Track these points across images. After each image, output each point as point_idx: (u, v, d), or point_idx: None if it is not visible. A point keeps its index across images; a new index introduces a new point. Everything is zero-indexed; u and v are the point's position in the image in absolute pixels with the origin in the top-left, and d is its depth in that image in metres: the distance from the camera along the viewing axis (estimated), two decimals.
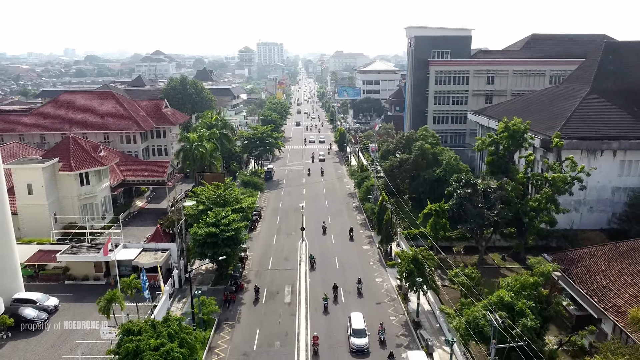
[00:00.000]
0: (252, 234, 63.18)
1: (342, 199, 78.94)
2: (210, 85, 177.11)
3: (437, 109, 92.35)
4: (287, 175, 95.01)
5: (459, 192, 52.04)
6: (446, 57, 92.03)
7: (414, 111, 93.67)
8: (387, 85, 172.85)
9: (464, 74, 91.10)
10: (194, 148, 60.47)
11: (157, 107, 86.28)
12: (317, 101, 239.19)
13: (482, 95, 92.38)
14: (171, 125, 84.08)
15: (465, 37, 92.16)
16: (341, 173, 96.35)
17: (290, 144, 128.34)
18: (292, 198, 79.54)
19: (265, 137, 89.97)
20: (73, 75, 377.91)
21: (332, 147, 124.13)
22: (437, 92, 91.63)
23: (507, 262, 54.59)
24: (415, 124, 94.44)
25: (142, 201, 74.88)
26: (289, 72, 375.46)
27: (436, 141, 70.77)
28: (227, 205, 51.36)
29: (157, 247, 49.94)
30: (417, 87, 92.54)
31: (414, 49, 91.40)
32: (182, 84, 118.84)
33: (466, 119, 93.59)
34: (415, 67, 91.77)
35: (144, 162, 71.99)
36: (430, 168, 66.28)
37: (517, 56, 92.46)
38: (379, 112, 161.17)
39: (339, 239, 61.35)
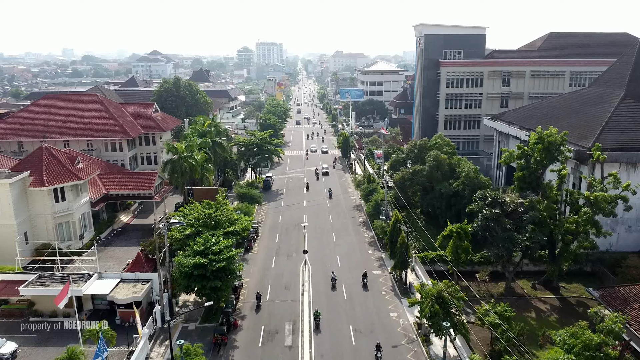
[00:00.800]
0: (248, 255, 56.45)
1: (347, 212, 72.25)
2: (207, 86, 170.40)
3: (449, 113, 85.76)
4: (287, 184, 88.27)
5: (485, 213, 45.37)
6: (458, 58, 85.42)
7: (424, 115, 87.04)
8: (391, 86, 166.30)
9: (477, 75, 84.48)
10: (183, 160, 53.75)
11: (146, 112, 79.53)
12: (318, 103, 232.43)
13: (497, 99, 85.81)
14: (161, 131, 77.31)
15: (479, 36, 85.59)
16: (345, 182, 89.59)
17: (291, 149, 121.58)
18: (292, 212, 72.83)
19: (263, 143, 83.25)
20: (69, 75, 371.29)
21: (333, 152, 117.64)
22: (449, 95, 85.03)
23: (538, 292, 47.93)
24: (424, 129, 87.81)
25: (127, 216, 68.14)
26: (288, 73, 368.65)
27: (452, 150, 64.12)
28: (219, 228, 44.69)
29: (137, 277, 43.21)
30: (427, 89, 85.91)
31: (424, 48, 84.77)
32: (175, 86, 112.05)
33: (480, 124, 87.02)
34: (425, 68, 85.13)
35: (129, 174, 65.24)
36: (447, 180, 59.66)
37: (534, 56, 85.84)
38: (382, 115, 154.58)
39: (349, 278, 54.62)
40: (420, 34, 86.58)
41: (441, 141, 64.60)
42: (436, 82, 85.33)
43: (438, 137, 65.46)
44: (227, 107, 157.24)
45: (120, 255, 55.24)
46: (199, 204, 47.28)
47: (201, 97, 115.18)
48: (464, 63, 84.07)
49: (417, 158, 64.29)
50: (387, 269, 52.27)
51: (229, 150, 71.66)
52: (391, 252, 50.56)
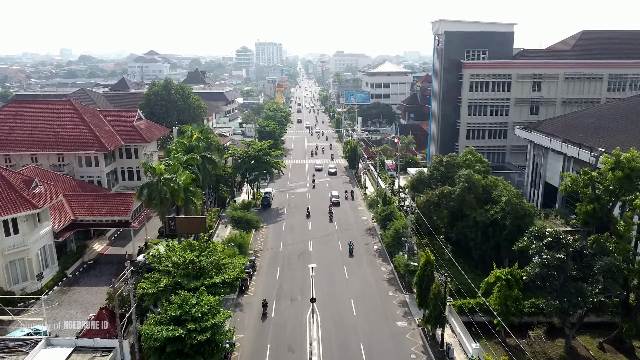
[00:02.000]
0: (243, 298, 46.40)
1: (359, 236, 62.26)
2: (203, 88, 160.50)
3: (472, 121, 75.84)
4: (288, 201, 78.23)
5: (545, 258, 35.42)
6: (482, 58, 75.53)
7: (443, 123, 77.12)
8: (398, 88, 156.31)
9: (505, 78, 74.61)
10: (163, 184, 43.79)
11: (128, 120, 69.49)
12: (320, 106, 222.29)
13: (526, 105, 75.94)
14: (144, 142, 67.28)
15: (506, 34, 75.71)
16: (354, 198, 79.48)
17: (292, 157, 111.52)
18: (295, 236, 62.83)
19: (262, 155, 73.21)
20: (63, 76, 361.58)
21: (335, 157, 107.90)
22: (472, 100, 75.17)
23: (608, 355, 37.97)
24: (444, 138, 77.87)
25: (102, 244, 58.15)
26: (288, 74, 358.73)
27: (486, 168, 54.14)
28: (204, 276, 34.71)
29: (96, 344, 33.10)
30: (446, 94, 76.01)
31: (444, 47, 74.84)
32: (165, 89, 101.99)
33: (507, 133, 77.14)
34: (445, 70, 75.23)
35: (102, 196, 55.20)
36: (482, 206, 49.68)
37: (567, 57, 75.96)
38: (389, 119, 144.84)
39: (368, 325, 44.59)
40: (439, 32, 76.71)
41: (472, 157, 54.61)
42: (457, 85, 75.48)
43: (468, 152, 55.48)
44: (223, 111, 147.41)
45: (86, 299, 45.35)
46: (177, 245, 37.14)
47: (194, 101, 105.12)
48: (490, 64, 74.22)
49: (443, 177, 54.27)
50: (414, 320, 42.30)
51: (222, 165, 61.65)
52: (420, 301, 40.57)
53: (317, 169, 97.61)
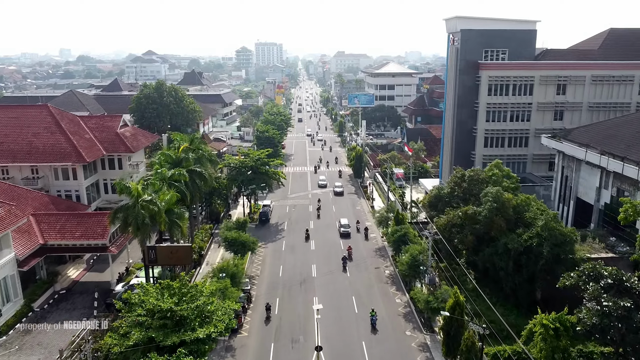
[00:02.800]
0: (235, 339, 39.59)
1: (368, 259, 55.59)
2: (199, 90, 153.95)
3: (491, 128, 69.05)
4: (289, 214, 71.48)
5: (606, 306, 28.68)
6: (502, 59, 68.78)
7: (458, 130, 70.32)
8: (403, 90, 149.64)
9: (526, 81, 67.84)
10: (141, 206, 37.03)
11: (111, 126, 62.78)
12: (321, 108, 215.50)
13: (549, 110, 69.16)
14: (128, 152, 60.55)
15: (529, 32, 68.97)
16: (361, 212, 72.74)
17: (293, 164, 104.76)
18: (297, 257, 56.14)
19: (259, 165, 66.46)
20: (60, 76, 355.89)
21: (340, 165, 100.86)
22: (491, 105, 68.36)
23: None
24: (459, 146, 71.11)
25: (78, 268, 51.47)
26: (288, 74, 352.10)
27: (515, 185, 47.44)
28: (185, 329, 28.00)
29: None
30: (462, 97, 69.25)
31: (460, 47, 68.05)
32: (157, 92, 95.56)
33: (528, 140, 70.39)
34: (461, 72, 68.46)
35: (76, 215, 48.47)
36: (512, 230, 43.03)
37: (595, 57, 69.18)
38: (394, 122, 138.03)
39: None
40: (454, 29, 69.97)
41: (499, 171, 47.92)
42: (474, 88, 68.74)
43: (494, 165, 48.81)
44: (220, 114, 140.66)
45: (53, 341, 38.63)
46: (152, 288, 30.34)
47: (188, 104, 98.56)
48: (510, 65, 67.48)
49: (466, 194, 47.51)
50: None
51: (215, 177, 54.88)
52: (447, 350, 33.86)
53: (320, 185, 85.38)
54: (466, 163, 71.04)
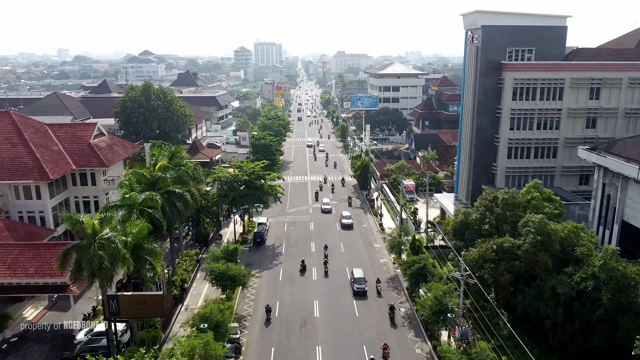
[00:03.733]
0: None
1: (382, 293, 47.59)
2: (193, 92, 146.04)
3: (515, 137, 61.14)
4: (287, 234, 63.58)
5: None
6: (528, 59, 60.93)
7: (478, 138, 62.40)
8: (409, 92, 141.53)
9: (556, 84, 59.98)
10: (99, 246, 28.99)
11: (84, 136, 54.83)
12: (321, 109, 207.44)
13: (581, 116, 61.28)
14: (101, 166, 52.60)
15: (558, 29, 61.19)
16: (368, 231, 64.82)
17: (292, 174, 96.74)
18: (296, 289, 48.30)
19: (254, 179, 58.47)
20: (55, 77, 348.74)
21: (343, 172, 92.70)
22: (516, 110, 60.45)
23: None
24: (478, 157, 63.20)
25: (38, 307, 43.56)
26: (288, 75, 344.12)
27: (559, 211, 39.54)
28: None
29: None
30: (483, 102, 61.37)
31: (480, 45, 60.17)
32: (144, 94, 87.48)
33: (556, 151, 62.47)
34: (482, 73, 60.59)
35: (31, 246, 40.49)
36: (560, 268, 35.18)
37: (632, 57, 61.30)
38: (399, 126, 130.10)
39: None
40: (473, 26, 62.14)
41: (538, 194, 39.97)
42: (496, 92, 60.88)
43: (532, 186, 40.98)
44: (215, 117, 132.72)
45: None
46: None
47: (178, 108, 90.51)
48: (538, 66, 59.63)
49: (499, 221, 39.56)
50: None
51: (198, 200, 46.89)
52: None
53: (324, 210, 71.42)
54: (486, 176, 63.28)
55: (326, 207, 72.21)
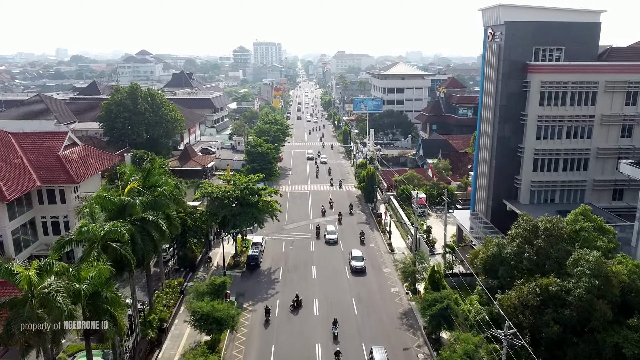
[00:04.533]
0: None
1: (391, 331, 40.75)
2: (188, 94, 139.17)
3: (542, 147, 54.29)
4: (285, 255, 56.70)
5: None
6: (557, 59, 54.14)
7: (500, 149, 55.54)
8: (414, 94, 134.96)
9: (588, 87, 53.19)
10: (37, 303, 22.03)
11: (53, 147, 48.00)
12: (322, 111, 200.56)
13: (615, 124, 54.46)
14: (70, 182, 45.73)
15: (591, 25, 54.43)
16: (376, 251, 57.92)
17: (291, 182, 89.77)
18: (293, 329, 41.28)
19: (247, 195, 51.53)
20: (50, 77, 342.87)
21: (346, 182, 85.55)
22: (543, 117, 53.60)
23: None
24: (499, 170, 56.34)
25: None
26: (287, 75, 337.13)
27: (614, 244, 32.62)
28: None
29: None
30: (505, 108, 54.55)
31: (503, 43, 53.35)
32: (131, 98, 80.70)
33: (587, 163, 55.59)
34: (504, 75, 53.80)
35: None
36: (620, 318, 28.33)
37: None
38: (404, 129, 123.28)
39: None
40: (494, 21, 55.32)
41: (587, 222, 33.04)
42: (520, 97, 54.09)
43: (580, 212, 34.07)
44: (210, 120, 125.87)
45: None
46: None
47: (167, 112, 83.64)
48: (569, 67, 52.81)
49: (542, 256, 32.59)
50: None
51: (179, 226, 40.00)
52: None
53: (329, 241, 59.43)
54: (508, 190, 56.53)
55: (331, 238, 59.63)
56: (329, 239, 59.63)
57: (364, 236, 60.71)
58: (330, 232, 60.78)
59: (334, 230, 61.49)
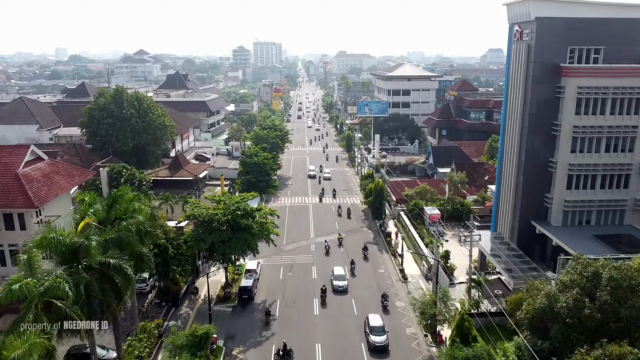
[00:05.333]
0: None
1: None
2: (183, 96, 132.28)
3: (578, 162, 47.40)
4: (283, 283, 49.74)
5: None
6: (595, 60, 47.24)
7: (527, 164, 48.59)
8: (421, 96, 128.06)
9: (631, 93, 46.33)
10: None
11: (10, 164, 41.13)
12: (323, 112, 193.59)
13: None
14: (29, 207, 38.83)
15: (635, 22, 47.65)
16: (385, 277, 50.88)
17: (290, 193, 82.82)
18: None
19: (239, 218, 44.52)
20: (47, 77, 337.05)
21: (350, 192, 78.59)
22: (579, 128, 46.72)
23: None
24: (527, 187, 49.39)
25: None
26: (287, 75, 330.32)
27: None
28: None
29: None
30: (535, 117, 47.68)
31: (535, 42, 46.45)
32: (115, 102, 73.82)
33: (629, 179, 48.62)
34: (535, 79, 46.94)
35: None
36: None
37: None
38: (410, 134, 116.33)
39: None
40: (523, 17, 48.40)
41: None
42: (553, 104, 47.21)
43: None
44: (205, 125, 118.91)
45: None
46: None
47: (156, 117, 76.72)
48: (611, 70, 45.88)
49: (606, 311, 25.62)
50: None
51: (152, 265, 33.12)
52: None
53: (337, 288, 47.33)
54: (537, 210, 49.71)
55: (340, 285, 47.16)
56: (337, 287, 47.08)
57: (367, 251, 53.44)
58: (339, 276, 48.23)
59: (343, 274, 48.60)
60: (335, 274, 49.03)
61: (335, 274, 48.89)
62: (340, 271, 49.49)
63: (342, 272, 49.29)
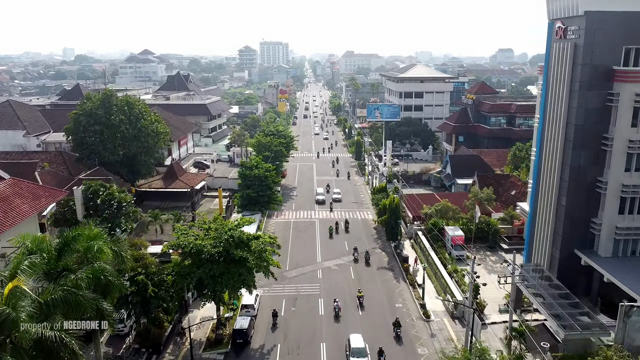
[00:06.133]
0: None
1: None
2: (183, 98, 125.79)
3: (633, 182, 40.25)
4: (285, 322, 42.80)
5: None
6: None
7: (571, 184, 41.47)
8: (434, 99, 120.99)
9: None
10: None
11: None
12: (330, 114, 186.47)
13: None
14: None
15: None
16: (404, 314, 43.68)
17: (295, 206, 75.71)
18: None
19: (234, 247, 37.64)
20: (51, 77, 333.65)
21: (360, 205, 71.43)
22: (635, 143, 39.57)
23: None
24: (571, 211, 42.11)
25: None
26: (294, 75, 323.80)
27: None
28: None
29: None
30: (581, 129, 40.59)
31: (583, 41, 39.30)
32: (103, 107, 67.23)
33: None
34: (583, 85, 39.84)
35: None
36: None
37: None
38: (423, 139, 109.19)
39: None
40: (568, 11, 41.24)
41: None
42: (604, 114, 40.09)
43: None
44: (206, 129, 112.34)
45: None
46: None
47: (148, 124, 70.06)
48: None
49: None
50: None
51: (113, 324, 26.48)
52: None
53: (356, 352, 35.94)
54: (582, 238, 42.57)
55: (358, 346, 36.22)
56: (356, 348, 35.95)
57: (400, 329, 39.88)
58: (357, 351, 35.74)
59: (362, 348, 36.16)
60: (352, 346, 36.16)
61: (353, 348, 35.98)
62: (359, 342, 36.60)
63: (361, 345, 36.35)
